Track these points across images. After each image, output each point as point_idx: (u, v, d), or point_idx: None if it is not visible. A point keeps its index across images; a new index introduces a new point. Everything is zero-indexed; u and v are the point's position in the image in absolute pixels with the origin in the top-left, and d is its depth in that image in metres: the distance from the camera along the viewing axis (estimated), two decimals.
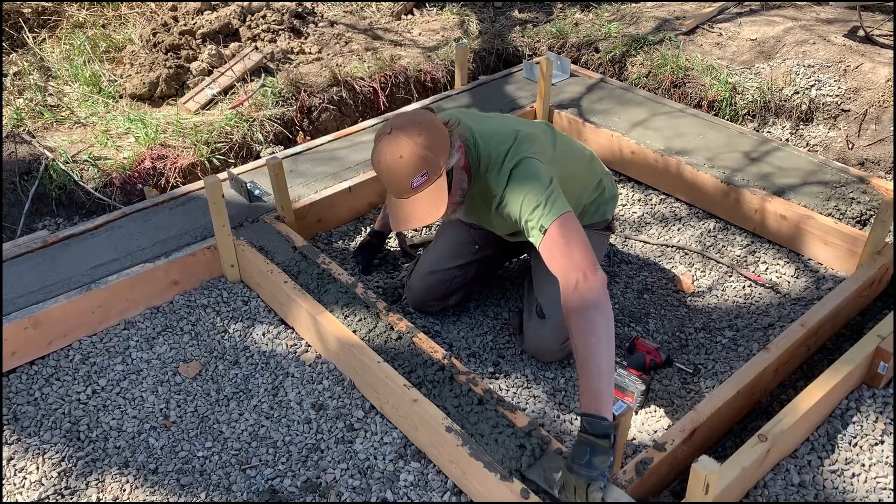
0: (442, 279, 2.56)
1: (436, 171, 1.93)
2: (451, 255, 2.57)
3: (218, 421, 2.25)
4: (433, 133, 1.94)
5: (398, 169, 1.91)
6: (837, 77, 3.85)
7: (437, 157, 1.93)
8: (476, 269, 2.60)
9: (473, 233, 2.57)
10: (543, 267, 2.37)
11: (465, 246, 2.57)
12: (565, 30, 4.72)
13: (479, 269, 2.62)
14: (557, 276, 1.89)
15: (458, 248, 2.57)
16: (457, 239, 2.58)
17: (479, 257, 2.58)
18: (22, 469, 2.10)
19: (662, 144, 3.31)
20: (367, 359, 2.21)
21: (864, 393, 2.25)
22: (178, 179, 3.41)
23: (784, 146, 3.28)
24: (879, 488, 2.00)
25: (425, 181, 1.93)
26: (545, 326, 2.38)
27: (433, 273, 2.56)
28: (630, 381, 2.27)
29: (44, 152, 3.42)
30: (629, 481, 1.83)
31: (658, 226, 3.15)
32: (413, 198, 1.95)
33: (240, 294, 2.72)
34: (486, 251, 2.59)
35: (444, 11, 5.16)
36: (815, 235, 2.83)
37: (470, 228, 2.57)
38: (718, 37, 4.43)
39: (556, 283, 1.95)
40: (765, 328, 2.59)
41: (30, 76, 4.02)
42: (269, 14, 4.54)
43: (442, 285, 2.56)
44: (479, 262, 2.60)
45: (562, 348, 2.40)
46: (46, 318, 2.40)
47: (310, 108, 3.92)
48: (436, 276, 2.56)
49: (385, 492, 2.03)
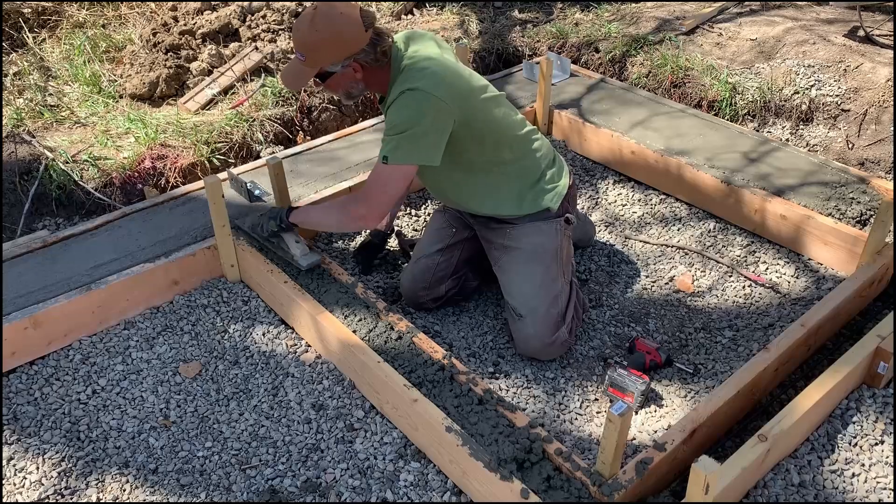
0: (426, 265, 2.60)
1: (311, 64, 2.20)
2: (431, 242, 2.65)
3: (218, 421, 2.25)
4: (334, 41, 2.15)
5: (296, 35, 2.18)
6: (837, 77, 3.85)
7: (319, 56, 2.18)
8: (459, 254, 2.64)
9: (448, 216, 2.66)
10: (506, 269, 2.48)
11: (444, 231, 2.65)
12: (565, 30, 4.72)
13: (463, 255, 2.65)
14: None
15: (437, 233, 2.66)
16: (435, 226, 2.69)
17: (458, 240, 2.64)
18: (22, 469, 2.10)
19: (662, 144, 3.31)
20: (367, 359, 2.21)
21: (864, 393, 2.25)
22: (178, 179, 3.41)
23: (784, 146, 3.29)
24: (879, 488, 2.00)
25: (301, 61, 2.20)
26: (526, 325, 2.40)
27: (417, 261, 2.63)
28: (630, 381, 2.27)
29: (44, 152, 3.42)
30: (629, 481, 1.83)
31: (658, 226, 3.15)
32: (294, 60, 2.24)
33: (240, 294, 2.72)
34: (464, 233, 2.64)
35: (444, 11, 5.16)
36: (815, 235, 2.83)
37: (445, 213, 2.67)
38: (718, 37, 4.43)
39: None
40: (765, 328, 2.59)
41: (30, 76, 4.02)
42: (269, 14, 4.54)
43: (427, 272, 2.60)
44: (460, 247, 2.64)
45: (552, 342, 2.40)
46: (46, 318, 2.40)
47: (310, 108, 3.92)
48: (420, 263, 2.61)
49: (385, 492, 2.03)
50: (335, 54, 2.18)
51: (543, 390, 2.39)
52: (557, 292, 2.43)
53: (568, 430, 2.26)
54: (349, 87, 2.28)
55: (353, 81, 2.26)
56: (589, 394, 2.38)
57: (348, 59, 2.19)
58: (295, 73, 2.24)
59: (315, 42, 2.14)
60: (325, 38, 2.13)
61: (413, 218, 3.17)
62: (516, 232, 2.46)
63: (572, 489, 1.84)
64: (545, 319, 2.38)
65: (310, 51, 2.16)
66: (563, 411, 2.32)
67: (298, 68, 2.22)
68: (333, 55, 2.18)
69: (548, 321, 2.38)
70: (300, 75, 2.23)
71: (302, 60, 2.19)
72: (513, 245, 2.46)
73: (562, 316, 2.42)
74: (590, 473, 1.84)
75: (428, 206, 3.24)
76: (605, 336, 2.60)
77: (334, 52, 2.17)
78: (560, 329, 2.42)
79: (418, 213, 3.20)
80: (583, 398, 2.36)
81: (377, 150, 3.30)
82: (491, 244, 2.54)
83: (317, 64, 2.19)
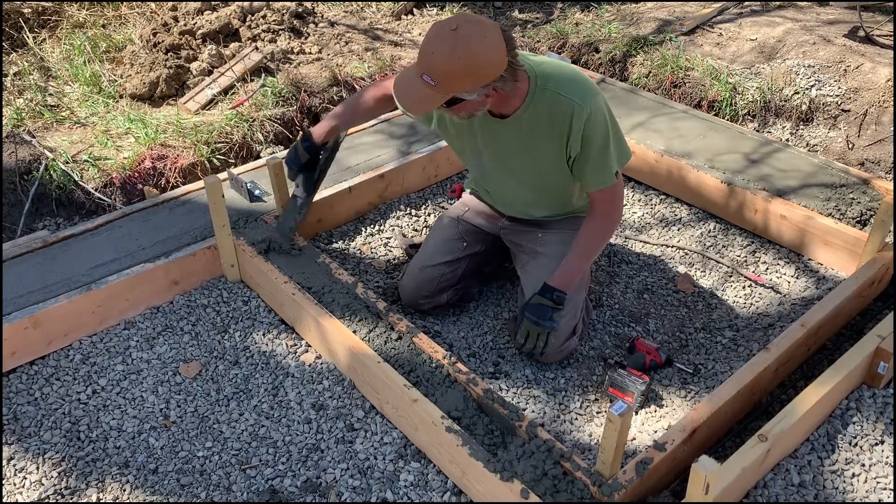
0: (431, 276, 2.57)
1: (443, 91, 1.95)
2: (439, 252, 2.60)
3: (218, 421, 2.25)
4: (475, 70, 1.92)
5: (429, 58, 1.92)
6: (838, 77, 3.85)
7: (455, 85, 1.94)
8: (465, 267, 2.62)
9: (461, 229, 2.62)
10: (532, 273, 2.42)
11: (454, 242, 2.61)
12: (566, 30, 4.72)
13: (469, 267, 2.63)
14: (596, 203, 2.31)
15: (446, 244, 2.61)
16: (446, 236, 2.63)
17: (467, 254, 2.61)
18: (22, 469, 2.10)
19: (663, 145, 3.31)
20: (367, 359, 2.21)
21: (864, 393, 2.25)
22: (178, 179, 3.41)
23: (785, 147, 3.28)
24: (879, 488, 2.00)
25: (430, 85, 1.95)
26: None
27: (423, 270, 2.59)
28: (630, 381, 2.27)
29: (44, 152, 3.42)
30: (629, 481, 1.83)
31: (658, 226, 3.15)
32: (417, 79, 1.97)
33: (240, 294, 2.72)
34: (475, 248, 2.62)
35: (444, 11, 5.16)
36: (816, 236, 2.82)
37: (458, 225, 2.62)
38: (719, 37, 4.43)
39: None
40: (765, 328, 2.59)
41: (30, 76, 4.02)
42: (269, 14, 4.54)
43: (431, 282, 2.58)
44: (468, 260, 2.62)
45: (561, 350, 2.40)
46: (46, 318, 2.40)
47: (310, 108, 3.92)
48: (425, 272, 2.58)
49: (385, 492, 2.03)
50: (474, 84, 1.94)
51: (544, 390, 2.39)
52: (578, 305, 2.41)
53: (568, 430, 2.26)
54: (476, 109, 2.08)
55: (482, 106, 2.08)
56: (589, 394, 2.38)
57: (486, 87, 1.97)
58: (421, 97, 1.98)
59: (453, 70, 1.89)
60: (466, 67, 1.88)
61: (413, 218, 3.17)
62: (549, 238, 2.46)
63: (573, 490, 1.84)
64: (562, 330, 2.36)
65: (445, 78, 1.91)
66: (564, 411, 2.32)
67: (426, 93, 1.96)
68: (471, 84, 1.94)
69: (564, 331, 2.38)
70: (427, 100, 1.99)
71: (432, 85, 1.93)
72: (543, 251, 2.45)
73: (575, 327, 2.43)
74: (590, 473, 1.84)
75: (428, 207, 3.24)
76: (605, 336, 2.60)
77: (473, 82, 1.94)
78: (571, 338, 2.42)
79: (418, 213, 3.20)
80: (583, 398, 2.36)
81: (377, 150, 3.33)
82: (520, 248, 2.54)
83: (450, 92, 1.95)
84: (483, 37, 1.89)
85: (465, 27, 1.88)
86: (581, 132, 2.11)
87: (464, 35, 1.87)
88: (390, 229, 3.09)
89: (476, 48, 1.88)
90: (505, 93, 2.05)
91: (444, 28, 1.91)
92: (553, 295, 2.26)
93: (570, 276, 2.29)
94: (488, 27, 1.92)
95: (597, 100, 2.13)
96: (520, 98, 2.13)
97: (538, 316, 2.26)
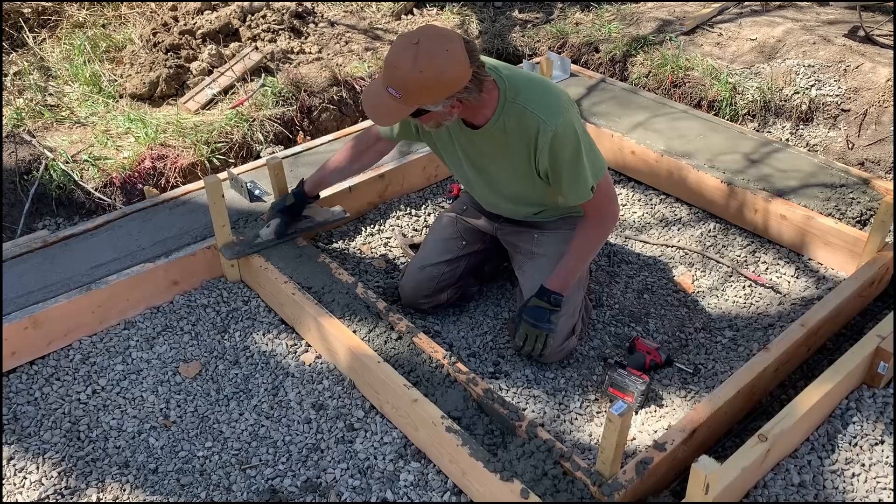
0: (430, 275, 2.58)
1: (408, 103, 1.99)
2: (438, 251, 2.60)
3: (218, 421, 2.25)
4: (438, 83, 1.94)
5: (393, 71, 1.95)
6: (837, 77, 3.85)
7: (419, 97, 1.98)
8: (465, 266, 2.62)
9: (460, 228, 2.62)
10: (530, 275, 2.42)
11: (453, 241, 2.62)
12: (566, 30, 4.72)
13: (468, 266, 2.64)
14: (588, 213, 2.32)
15: (445, 243, 2.62)
16: (445, 235, 2.64)
17: (466, 252, 2.61)
18: (22, 469, 2.10)
19: (664, 145, 3.31)
20: (367, 359, 2.21)
21: (864, 393, 2.25)
22: (178, 179, 3.41)
23: (785, 147, 3.28)
24: (879, 488, 2.00)
25: (395, 98, 1.99)
26: None
27: (422, 269, 2.59)
28: (630, 381, 2.27)
29: (44, 152, 3.42)
30: (629, 481, 1.83)
31: (658, 226, 3.15)
32: (383, 92, 2.01)
33: (240, 294, 2.72)
34: (474, 247, 2.63)
35: (444, 11, 5.16)
36: (816, 236, 2.82)
37: (457, 224, 2.63)
38: (719, 37, 4.43)
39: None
40: (765, 328, 2.59)
41: (30, 76, 4.02)
42: (269, 14, 4.54)
43: (431, 281, 2.58)
44: (467, 259, 2.62)
45: (560, 350, 2.40)
46: (46, 318, 2.40)
47: (310, 108, 3.92)
48: (425, 271, 2.58)
49: (385, 492, 2.03)
50: (437, 96, 1.98)
51: (544, 390, 2.39)
52: (576, 305, 2.42)
53: (568, 429, 2.26)
54: (443, 119, 2.12)
55: (448, 116, 2.10)
56: (589, 394, 2.38)
57: (450, 98, 2.01)
58: (388, 110, 2.02)
59: (416, 83, 1.92)
60: (428, 80, 1.92)
61: (413, 218, 3.17)
62: (544, 238, 2.46)
63: (573, 489, 1.84)
64: (561, 330, 2.37)
65: (409, 91, 1.95)
66: (564, 411, 2.32)
67: (392, 105, 2.00)
68: (435, 97, 1.98)
69: (563, 331, 2.38)
70: (394, 113, 2.03)
71: (397, 97, 1.97)
72: (539, 252, 2.46)
73: (574, 326, 2.43)
74: (590, 473, 1.84)
75: (428, 207, 3.24)
76: (605, 336, 2.60)
77: (436, 94, 1.98)
78: (570, 338, 2.42)
79: (418, 213, 3.20)
80: (583, 398, 2.36)
81: None
82: (517, 249, 2.54)
83: (415, 104, 2.00)
84: (444, 49, 1.91)
85: (426, 41, 1.91)
86: (547, 149, 2.11)
87: (425, 48, 1.90)
88: (390, 229, 3.09)
89: (438, 61, 1.90)
90: (471, 103, 2.07)
91: (406, 41, 1.94)
92: (550, 297, 2.29)
93: (566, 278, 2.32)
94: (451, 39, 1.94)
95: (566, 115, 2.11)
96: (491, 109, 2.14)
97: (536, 318, 2.29)
